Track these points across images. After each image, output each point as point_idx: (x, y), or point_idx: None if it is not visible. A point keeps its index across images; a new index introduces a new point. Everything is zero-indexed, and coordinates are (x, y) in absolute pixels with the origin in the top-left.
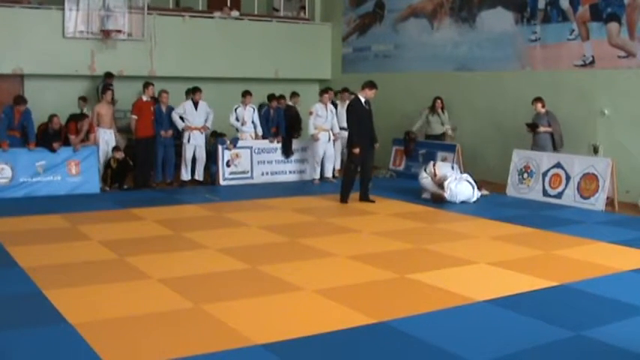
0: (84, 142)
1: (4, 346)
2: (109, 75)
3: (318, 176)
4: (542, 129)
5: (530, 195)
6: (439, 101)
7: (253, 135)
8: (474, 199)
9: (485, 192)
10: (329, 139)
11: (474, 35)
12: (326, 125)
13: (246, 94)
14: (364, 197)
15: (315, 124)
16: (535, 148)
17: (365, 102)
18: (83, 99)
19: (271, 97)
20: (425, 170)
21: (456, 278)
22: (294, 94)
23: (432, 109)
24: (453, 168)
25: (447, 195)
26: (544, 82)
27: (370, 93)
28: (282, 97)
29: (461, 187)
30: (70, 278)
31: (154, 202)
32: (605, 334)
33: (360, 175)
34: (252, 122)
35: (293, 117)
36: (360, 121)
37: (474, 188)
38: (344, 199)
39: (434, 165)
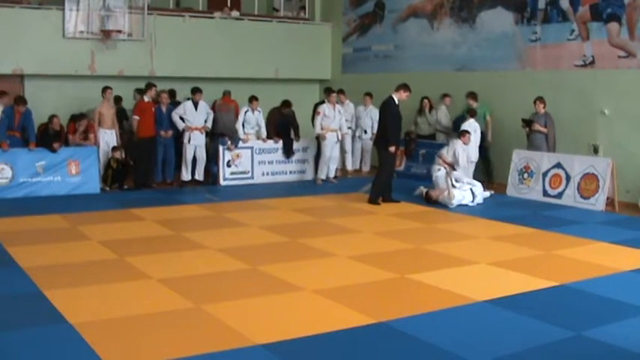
0: (83, 142)
1: (4, 346)
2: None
3: (324, 176)
4: (536, 126)
5: (530, 195)
6: (426, 101)
7: (255, 136)
8: (473, 204)
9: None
10: (337, 140)
11: (474, 35)
12: (333, 125)
13: (253, 99)
14: (390, 198)
15: (323, 125)
16: (530, 148)
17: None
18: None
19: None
20: (441, 157)
21: (456, 278)
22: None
23: (420, 109)
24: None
25: (453, 200)
26: (544, 82)
27: (404, 95)
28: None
29: (456, 193)
30: (70, 278)
31: (154, 202)
32: (605, 334)
33: (383, 177)
34: (257, 124)
35: (289, 121)
36: (394, 121)
37: (474, 197)
38: (376, 200)
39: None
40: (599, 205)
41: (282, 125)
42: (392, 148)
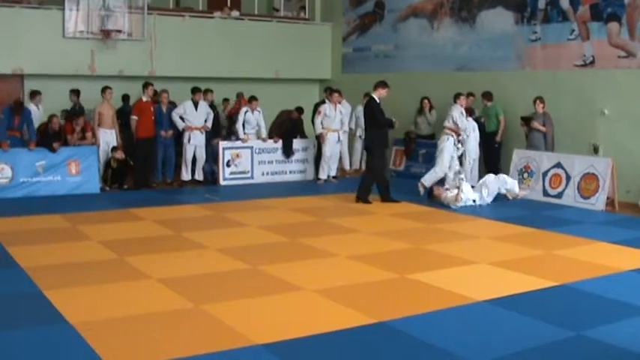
0: (81, 141)
1: (4, 346)
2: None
3: (325, 176)
4: (535, 124)
5: (530, 195)
6: (426, 101)
7: (255, 136)
8: (473, 204)
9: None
10: (338, 140)
11: (474, 35)
12: (334, 125)
13: (252, 99)
14: (389, 198)
15: (324, 125)
16: (529, 148)
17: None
18: (76, 92)
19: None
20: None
21: (456, 278)
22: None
23: (420, 109)
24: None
25: (459, 203)
26: (544, 82)
27: (383, 92)
28: (204, 90)
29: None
30: (70, 278)
31: (154, 202)
32: (605, 334)
33: (370, 176)
34: (257, 124)
35: (293, 123)
36: (381, 117)
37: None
38: (366, 198)
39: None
40: (599, 205)
41: (287, 128)
42: (396, 123)
